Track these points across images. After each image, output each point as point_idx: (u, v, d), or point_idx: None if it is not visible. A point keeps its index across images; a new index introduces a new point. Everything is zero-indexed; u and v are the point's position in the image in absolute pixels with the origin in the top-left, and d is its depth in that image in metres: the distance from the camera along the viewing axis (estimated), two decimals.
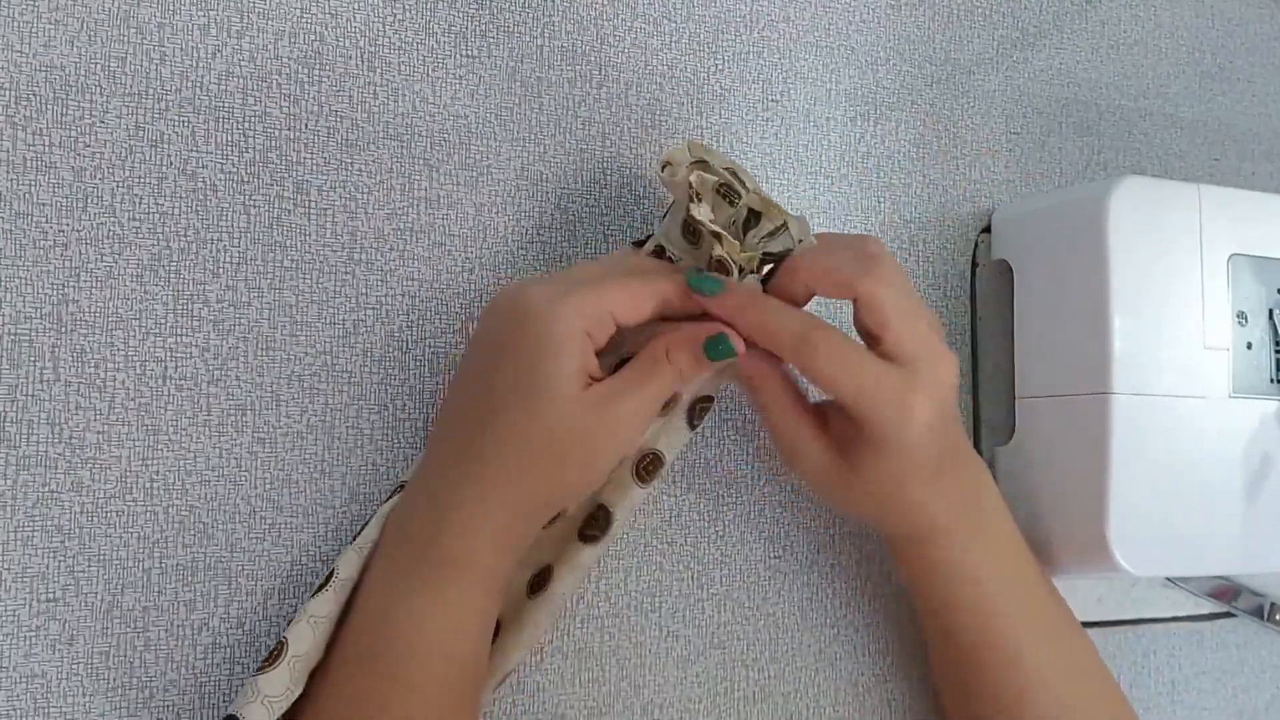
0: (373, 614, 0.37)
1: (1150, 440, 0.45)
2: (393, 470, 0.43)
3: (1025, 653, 0.42)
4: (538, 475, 0.37)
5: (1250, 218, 0.48)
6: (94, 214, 0.41)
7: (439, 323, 0.44)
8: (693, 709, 0.46)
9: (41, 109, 0.40)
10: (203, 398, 0.41)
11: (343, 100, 0.44)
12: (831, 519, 0.49)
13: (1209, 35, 0.62)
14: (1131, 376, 0.45)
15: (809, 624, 0.48)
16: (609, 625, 0.46)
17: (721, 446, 0.48)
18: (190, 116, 0.42)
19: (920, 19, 0.55)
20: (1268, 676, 0.57)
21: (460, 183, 0.46)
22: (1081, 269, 0.46)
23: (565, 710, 0.44)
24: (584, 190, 0.47)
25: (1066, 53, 0.58)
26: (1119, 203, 0.45)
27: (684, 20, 0.50)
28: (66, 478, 0.39)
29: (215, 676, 0.41)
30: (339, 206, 0.44)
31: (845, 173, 0.52)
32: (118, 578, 0.40)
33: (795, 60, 0.52)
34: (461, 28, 0.46)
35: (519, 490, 0.37)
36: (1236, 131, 0.61)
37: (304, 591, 0.42)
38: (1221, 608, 0.55)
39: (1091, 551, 0.45)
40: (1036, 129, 0.56)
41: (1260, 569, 0.49)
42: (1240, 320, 0.48)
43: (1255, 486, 0.47)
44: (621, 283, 0.38)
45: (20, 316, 0.40)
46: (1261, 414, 0.48)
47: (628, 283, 0.38)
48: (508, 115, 0.47)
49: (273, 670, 0.37)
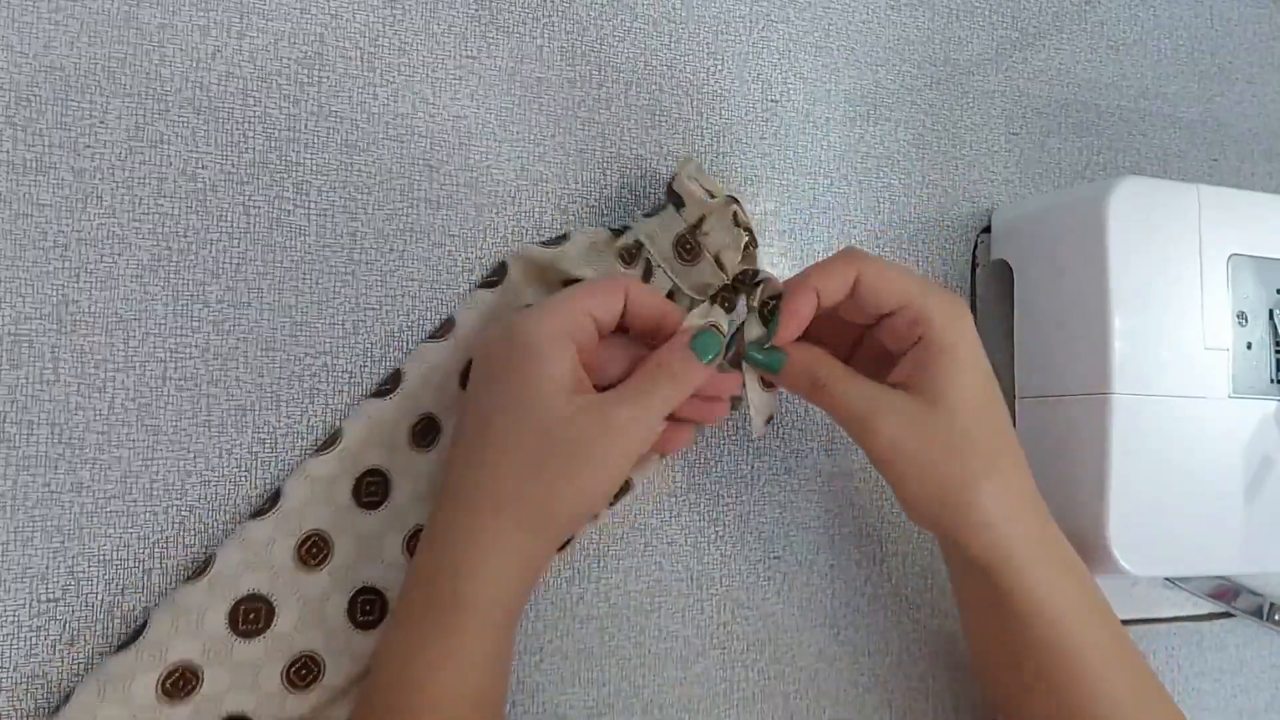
0: (393, 666, 0.37)
1: (1150, 440, 0.45)
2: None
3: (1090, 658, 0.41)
4: (542, 489, 0.37)
5: (1250, 218, 0.48)
6: (94, 215, 0.41)
7: (439, 323, 0.45)
8: (693, 709, 0.46)
9: (42, 110, 0.40)
10: (203, 398, 0.41)
11: (343, 101, 0.44)
12: (831, 519, 0.49)
13: (1209, 35, 0.62)
14: (1131, 376, 0.45)
15: (809, 624, 0.48)
16: (609, 625, 0.46)
17: (721, 446, 0.48)
18: (190, 117, 0.42)
19: (920, 19, 0.55)
20: (1268, 676, 0.57)
21: (460, 183, 0.46)
22: (1081, 269, 0.46)
23: (565, 710, 0.45)
24: (584, 190, 0.47)
25: (1066, 53, 0.58)
26: (1119, 203, 0.45)
27: (684, 20, 0.50)
28: (67, 478, 0.39)
29: None
30: (339, 207, 0.44)
31: (845, 173, 0.52)
32: (118, 578, 0.40)
33: (795, 60, 0.52)
34: (461, 28, 0.46)
35: (523, 509, 0.37)
36: (1236, 131, 0.61)
37: None
38: (1221, 608, 0.55)
39: (1091, 551, 0.45)
40: (1036, 129, 0.56)
41: (1260, 569, 0.49)
42: (1240, 320, 0.48)
43: (1255, 486, 0.47)
44: (592, 284, 0.39)
45: (21, 317, 0.40)
46: (1261, 414, 0.48)
47: (598, 282, 0.39)
48: (508, 115, 0.47)
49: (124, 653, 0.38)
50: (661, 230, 0.44)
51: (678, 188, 0.44)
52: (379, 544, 0.42)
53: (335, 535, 0.41)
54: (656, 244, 0.44)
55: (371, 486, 0.42)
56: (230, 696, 0.39)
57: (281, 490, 0.41)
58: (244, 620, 0.40)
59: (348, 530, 0.42)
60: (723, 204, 0.43)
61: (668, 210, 0.45)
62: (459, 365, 0.44)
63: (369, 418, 0.42)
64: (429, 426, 0.43)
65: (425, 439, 0.43)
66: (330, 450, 0.41)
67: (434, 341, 0.43)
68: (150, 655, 0.38)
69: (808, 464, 0.49)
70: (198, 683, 0.39)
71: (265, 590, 0.40)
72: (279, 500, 0.41)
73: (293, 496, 0.41)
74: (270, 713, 0.40)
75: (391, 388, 0.43)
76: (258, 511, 0.41)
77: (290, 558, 0.40)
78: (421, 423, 0.43)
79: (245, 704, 0.39)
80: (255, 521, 0.40)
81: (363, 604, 0.41)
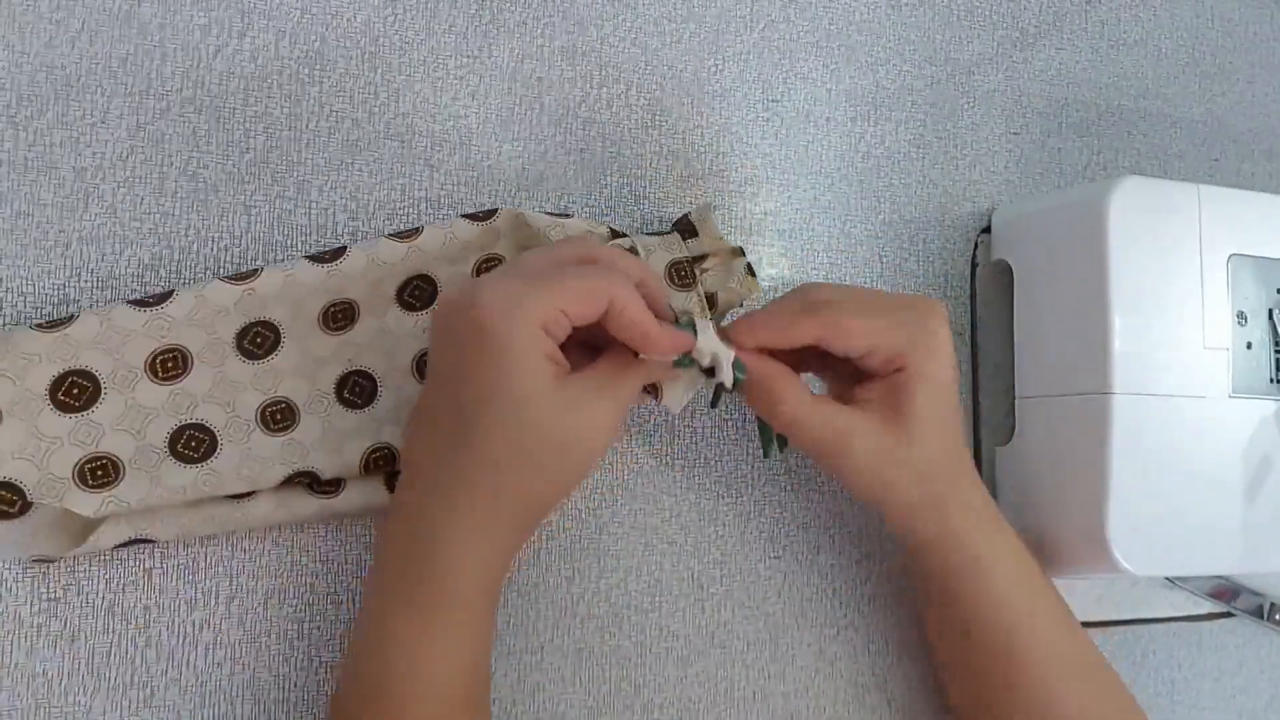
0: (370, 649, 0.37)
1: (1150, 440, 0.45)
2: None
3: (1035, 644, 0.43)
4: (522, 483, 0.37)
5: (1250, 218, 0.48)
6: (95, 214, 0.41)
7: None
8: (693, 709, 0.46)
9: (43, 109, 0.41)
10: None
11: (344, 100, 0.44)
12: (831, 519, 0.50)
13: (1209, 35, 0.62)
14: (1131, 376, 0.45)
15: (809, 624, 0.48)
16: (609, 625, 0.46)
17: (721, 446, 0.48)
18: (191, 116, 0.42)
19: (920, 19, 0.55)
20: (1268, 676, 0.57)
21: (461, 183, 0.46)
22: (1081, 269, 0.46)
23: (565, 710, 0.45)
24: (584, 190, 0.48)
25: (1066, 53, 0.58)
26: (1119, 203, 0.45)
27: (684, 20, 0.50)
28: None
29: (216, 676, 0.41)
30: (340, 206, 0.44)
31: (845, 173, 0.52)
32: (118, 577, 0.40)
33: (795, 60, 0.52)
34: (462, 28, 0.47)
35: (502, 504, 0.37)
36: (1236, 131, 0.61)
37: (304, 591, 0.42)
38: (1221, 608, 0.55)
39: (1091, 551, 0.45)
40: (1036, 129, 0.56)
41: (1260, 569, 0.49)
42: (1240, 320, 0.48)
43: (1255, 486, 0.47)
44: (574, 281, 0.36)
45: (21, 317, 0.40)
46: (1261, 414, 0.48)
47: (580, 282, 0.36)
48: (508, 115, 0.47)
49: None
50: (661, 249, 0.44)
51: (695, 221, 0.45)
52: (234, 392, 0.40)
53: (197, 363, 0.40)
54: (652, 257, 0.44)
55: (259, 338, 0.41)
56: (14, 461, 0.37)
57: (173, 295, 0.39)
58: (65, 392, 0.38)
59: (213, 365, 0.40)
60: (731, 251, 0.45)
61: (672, 236, 0.45)
62: (404, 274, 0.42)
63: (291, 275, 0.41)
64: (345, 313, 0.42)
65: (335, 323, 0.42)
66: (238, 284, 0.40)
67: (392, 239, 0.42)
68: (62, 351, 0.37)
69: (808, 464, 0.49)
70: (96, 399, 0.38)
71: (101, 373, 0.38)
72: (165, 301, 0.39)
73: (178, 305, 0.39)
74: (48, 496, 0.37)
75: (330, 259, 0.41)
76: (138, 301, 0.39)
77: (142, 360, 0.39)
78: (339, 307, 0.42)
79: (26, 475, 0.37)
80: (127, 307, 0.39)
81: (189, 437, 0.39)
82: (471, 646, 0.38)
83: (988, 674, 0.44)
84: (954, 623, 0.44)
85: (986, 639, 0.43)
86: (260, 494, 0.40)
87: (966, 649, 0.44)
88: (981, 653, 0.43)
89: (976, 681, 0.45)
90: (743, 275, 0.45)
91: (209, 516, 0.40)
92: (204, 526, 0.40)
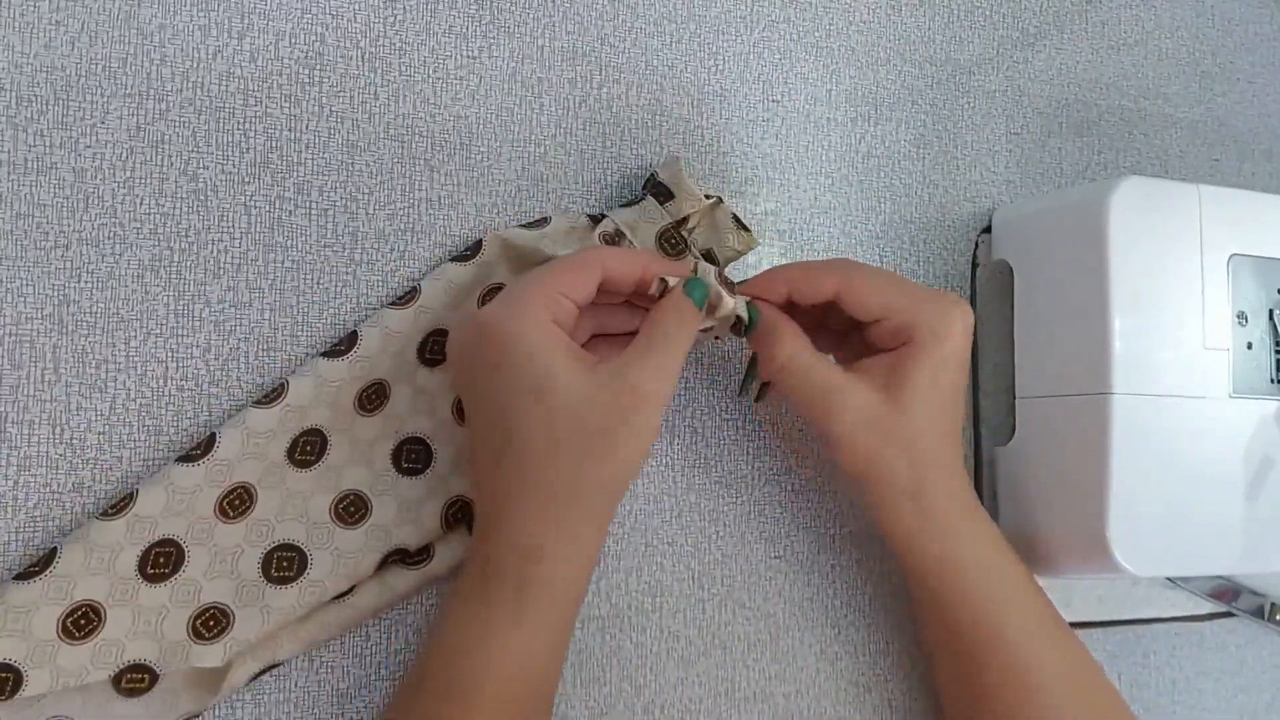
0: (447, 642, 0.38)
1: (1150, 440, 0.45)
2: None
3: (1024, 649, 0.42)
4: (588, 462, 0.36)
5: (1250, 218, 0.48)
6: (95, 215, 0.41)
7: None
8: (693, 709, 0.46)
9: (42, 110, 0.40)
10: (204, 398, 0.41)
11: (344, 101, 0.44)
12: (831, 519, 0.50)
13: (1209, 35, 0.62)
14: (1131, 376, 0.45)
15: (809, 624, 0.48)
16: (610, 625, 0.46)
17: (721, 446, 0.48)
18: (191, 117, 0.42)
19: (920, 19, 0.55)
20: (1268, 676, 0.57)
21: (461, 183, 0.46)
22: (1081, 269, 0.46)
23: (565, 710, 0.45)
24: (584, 190, 0.48)
25: (1066, 53, 0.58)
26: (1119, 203, 0.45)
27: (684, 20, 0.50)
28: (68, 479, 0.39)
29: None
30: (340, 207, 0.44)
31: (845, 173, 0.52)
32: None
33: (795, 60, 0.52)
34: (462, 28, 0.47)
35: (572, 486, 0.37)
36: (1236, 131, 0.61)
37: None
38: (1221, 608, 0.55)
39: (1091, 551, 0.45)
40: (1036, 129, 0.56)
41: (1260, 569, 0.49)
42: (1240, 320, 0.48)
43: (1255, 486, 0.47)
44: (562, 263, 0.39)
45: (22, 317, 0.40)
46: (1261, 414, 0.48)
47: (567, 260, 0.39)
48: (508, 116, 0.47)
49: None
50: (643, 221, 0.44)
51: (667, 181, 0.45)
52: (304, 503, 0.41)
53: (261, 490, 0.40)
54: (638, 234, 0.44)
55: (308, 446, 0.41)
56: (132, 643, 0.38)
57: (217, 438, 0.40)
58: (153, 564, 0.39)
59: (275, 487, 0.41)
60: (710, 206, 0.45)
61: (647, 202, 0.45)
62: (419, 335, 0.43)
63: (318, 376, 0.41)
64: (378, 392, 0.42)
65: (371, 404, 0.42)
66: (273, 405, 0.41)
67: (396, 308, 0.43)
68: (56, 589, 0.37)
69: (808, 464, 0.49)
70: (99, 623, 0.38)
71: (180, 536, 0.39)
72: (213, 447, 0.40)
73: (227, 446, 0.40)
74: (174, 662, 0.38)
75: (346, 349, 0.42)
76: (187, 456, 0.40)
77: (212, 508, 0.40)
78: (371, 388, 0.42)
79: (147, 652, 0.38)
80: (183, 466, 0.39)
81: (279, 560, 0.40)
82: (547, 647, 0.38)
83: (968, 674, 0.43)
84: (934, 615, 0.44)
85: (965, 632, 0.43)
86: (361, 586, 0.41)
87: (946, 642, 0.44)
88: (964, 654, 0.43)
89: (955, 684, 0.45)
90: (732, 227, 0.45)
91: (323, 624, 0.41)
92: (322, 633, 0.41)
